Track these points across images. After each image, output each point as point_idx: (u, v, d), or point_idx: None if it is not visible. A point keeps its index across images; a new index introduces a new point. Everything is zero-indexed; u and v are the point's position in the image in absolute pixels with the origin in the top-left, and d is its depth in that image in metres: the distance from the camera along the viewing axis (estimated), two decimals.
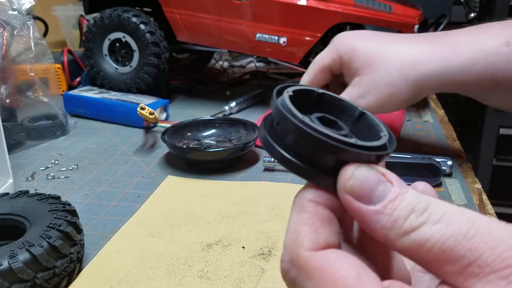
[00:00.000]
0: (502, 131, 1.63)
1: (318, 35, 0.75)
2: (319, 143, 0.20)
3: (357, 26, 0.74)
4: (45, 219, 0.40)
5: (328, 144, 0.20)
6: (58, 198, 0.44)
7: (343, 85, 0.57)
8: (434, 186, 0.23)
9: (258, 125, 0.67)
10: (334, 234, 0.20)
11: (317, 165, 0.21)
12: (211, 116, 0.74)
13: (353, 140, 0.21)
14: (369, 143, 0.21)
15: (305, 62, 0.79)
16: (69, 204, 0.43)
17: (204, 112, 0.85)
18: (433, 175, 0.53)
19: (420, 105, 0.83)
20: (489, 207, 0.50)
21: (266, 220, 0.48)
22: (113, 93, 0.85)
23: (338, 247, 0.20)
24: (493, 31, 0.50)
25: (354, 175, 0.20)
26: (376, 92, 0.53)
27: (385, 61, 0.53)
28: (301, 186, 0.22)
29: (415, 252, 0.19)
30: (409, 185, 0.21)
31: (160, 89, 0.87)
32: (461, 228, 0.18)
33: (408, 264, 0.25)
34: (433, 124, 0.75)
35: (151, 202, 0.53)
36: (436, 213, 0.18)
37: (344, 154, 0.20)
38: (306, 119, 0.21)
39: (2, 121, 0.53)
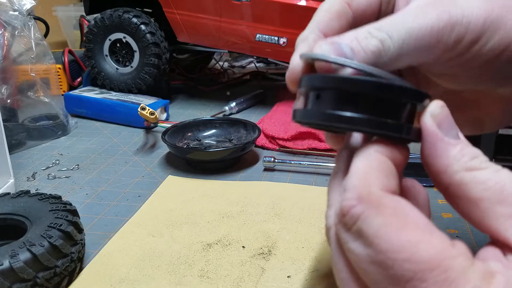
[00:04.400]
0: (501, 131, 1.63)
1: None
2: (403, 91, 0.21)
3: None
4: (46, 218, 0.40)
5: (412, 91, 0.21)
6: (59, 198, 0.45)
7: None
8: (434, 186, 0.24)
9: (259, 125, 0.67)
10: (398, 186, 0.21)
11: (385, 114, 0.22)
12: (211, 116, 0.74)
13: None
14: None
15: None
16: (70, 204, 0.43)
17: (204, 112, 0.85)
18: None
19: None
20: None
21: (266, 220, 0.49)
22: (114, 93, 0.85)
23: None
24: None
25: (443, 107, 0.22)
26: None
27: None
28: (301, 185, 0.22)
29: (471, 187, 0.20)
30: None
31: (161, 90, 0.87)
32: None
33: None
34: None
35: (151, 202, 0.53)
36: (497, 166, 0.21)
37: (427, 99, 0.22)
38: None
39: (3, 121, 0.53)
